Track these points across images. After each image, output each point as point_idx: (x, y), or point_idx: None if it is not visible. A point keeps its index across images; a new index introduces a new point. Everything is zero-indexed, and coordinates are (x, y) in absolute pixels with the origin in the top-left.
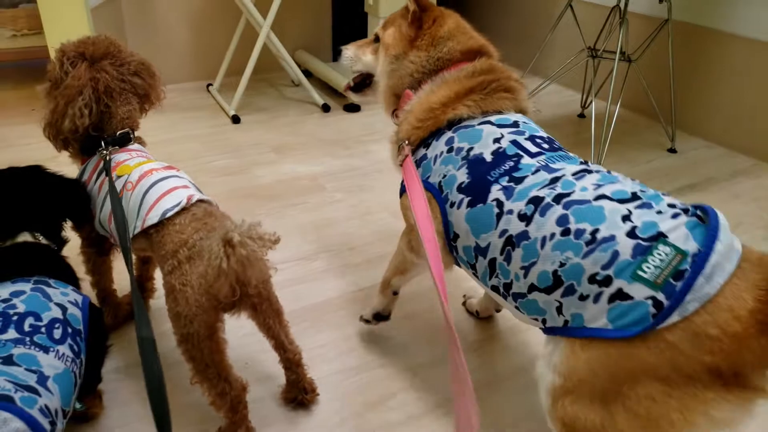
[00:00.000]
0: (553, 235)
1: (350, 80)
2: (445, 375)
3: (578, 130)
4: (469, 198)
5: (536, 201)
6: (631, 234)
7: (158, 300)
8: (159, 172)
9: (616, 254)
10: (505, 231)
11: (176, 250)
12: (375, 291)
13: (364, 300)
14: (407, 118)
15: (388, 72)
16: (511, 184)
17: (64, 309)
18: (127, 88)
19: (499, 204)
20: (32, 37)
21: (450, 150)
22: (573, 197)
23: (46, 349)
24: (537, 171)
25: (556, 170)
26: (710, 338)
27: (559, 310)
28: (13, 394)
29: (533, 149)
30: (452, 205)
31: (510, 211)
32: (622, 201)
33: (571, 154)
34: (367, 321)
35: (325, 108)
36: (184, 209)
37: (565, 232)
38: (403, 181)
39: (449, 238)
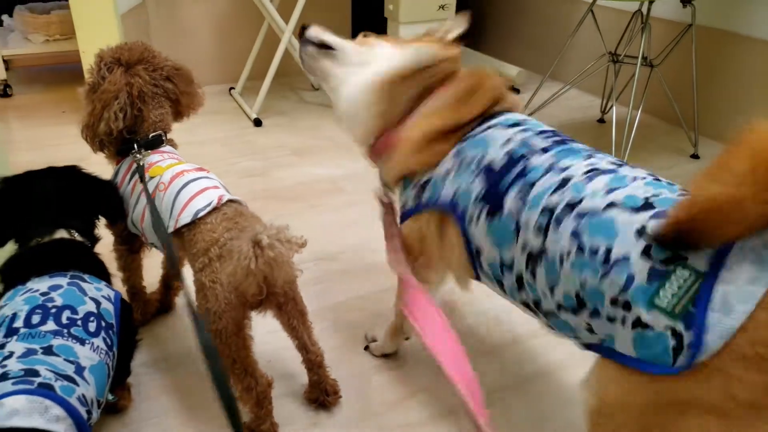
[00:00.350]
0: (569, 252)
1: None
2: None
3: (598, 134)
4: (487, 207)
5: (549, 210)
6: (646, 254)
7: (183, 298)
8: (190, 173)
9: (631, 279)
10: (525, 246)
11: (207, 248)
12: (393, 293)
13: (384, 301)
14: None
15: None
16: (522, 192)
17: (98, 303)
18: (159, 93)
19: (516, 214)
20: (63, 42)
21: (461, 163)
22: (584, 205)
23: (82, 341)
24: (546, 172)
25: (565, 169)
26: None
27: (590, 330)
28: (53, 382)
29: (541, 144)
30: (471, 219)
31: (526, 224)
32: (634, 210)
33: (578, 146)
34: (367, 347)
35: None
36: (215, 209)
37: (580, 249)
38: (405, 206)
39: (471, 254)
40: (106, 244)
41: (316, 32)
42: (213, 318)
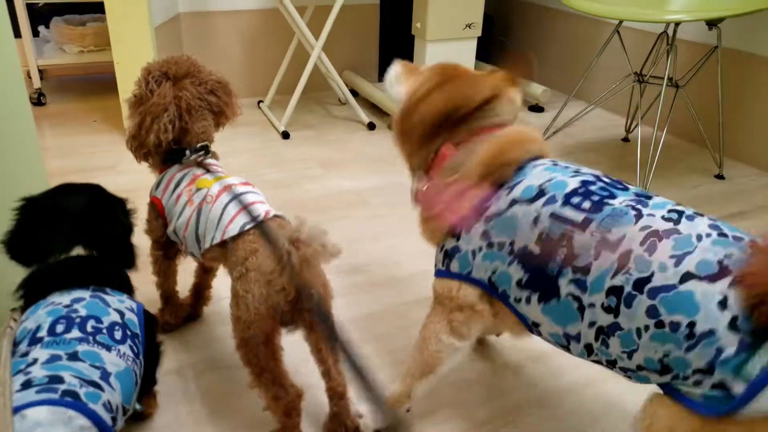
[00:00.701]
0: (647, 327)
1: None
2: (490, 392)
3: (622, 153)
4: (537, 293)
5: (616, 291)
6: (733, 326)
7: (209, 306)
8: (238, 187)
9: (719, 351)
10: (593, 323)
11: (246, 257)
12: (418, 305)
13: (408, 313)
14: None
15: None
16: (578, 275)
17: (122, 314)
18: (203, 106)
19: (576, 298)
20: (97, 53)
21: (490, 245)
22: (655, 282)
23: (108, 348)
24: (598, 254)
25: (616, 243)
26: None
27: (666, 384)
28: (78, 389)
29: (576, 217)
30: (517, 300)
31: (591, 305)
32: (711, 279)
33: (617, 202)
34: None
35: (371, 126)
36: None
37: (659, 325)
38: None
39: (528, 324)
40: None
41: (394, 72)
42: (242, 326)
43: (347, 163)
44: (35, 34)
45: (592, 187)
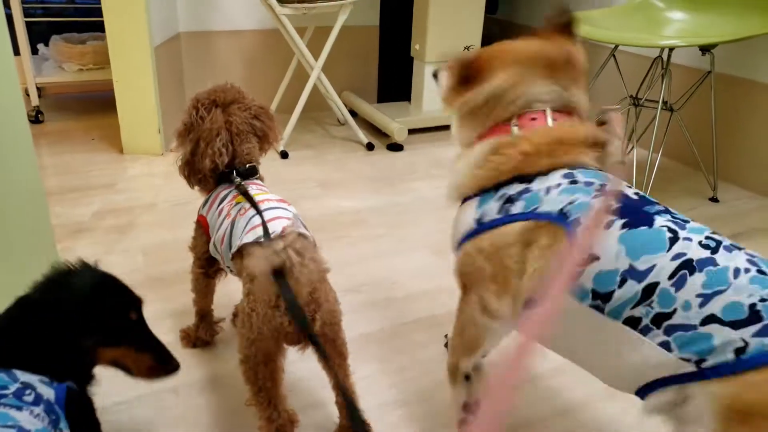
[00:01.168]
0: (747, 269)
1: None
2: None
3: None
4: (624, 220)
5: (715, 240)
6: None
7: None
8: (270, 202)
9: None
10: (682, 254)
11: (256, 275)
12: (416, 326)
13: (407, 334)
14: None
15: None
16: (678, 220)
17: (32, 386)
18: (248, 130)
19: (672, 231)
20: (96, 71)
21: (573, 182)
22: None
23: (19, 408)
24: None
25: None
26: None
27: (741, 350)
28: None
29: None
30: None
31: (688, 239)
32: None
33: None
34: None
35: (370, 147)
36: (280, 237)
37: (762, 272)
38: (482, 219)
39: None
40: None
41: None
42: (245, 344)
43: (346, 182)
44: (34, 51)
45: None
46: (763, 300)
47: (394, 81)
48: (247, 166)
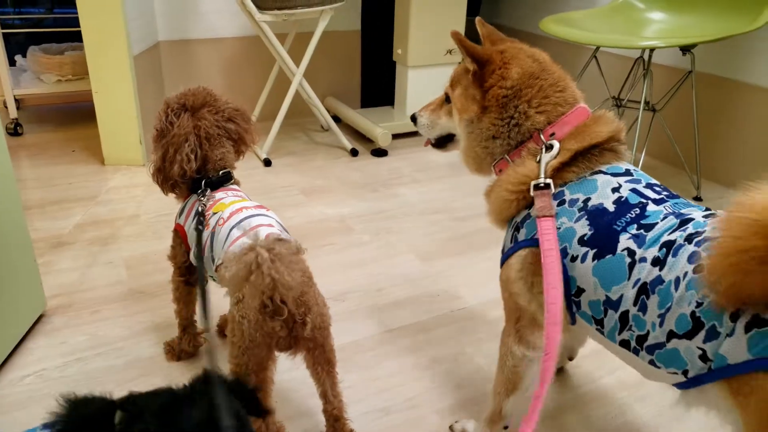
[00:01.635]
0: (685, 273)
1: (430, 138)
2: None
3: None
4: (594, 250)
5: (669, 245)
6: None
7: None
8: (249, 210)
9: None
10: (638, 280)
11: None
12: (401, 332)
13: (393, 341)
14: (502, 186)
15: (466, 135)
16: (641, 231)
17: None
18: (221, 133)
19: (631, 253)
20: (76, 82)
21: (561, 203)
22: (704, 236)
23: None
24: (666, 217)
25: (685, 215)
26: None
27: (704, 357)
28: None
29: (655, 196)
30: (573, 259)
31: (643, 259)
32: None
33: (693, 203)
34: None
35: (354, 152)
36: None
37: (697, 270)
38: (504, 249)
39: (570, 294)
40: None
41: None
42: (237, 352)
43: (330, 189)
44: (12, 63)
45: (674, 193)
46: (699, 304)
47: (377, 86)
48: (221, 172)
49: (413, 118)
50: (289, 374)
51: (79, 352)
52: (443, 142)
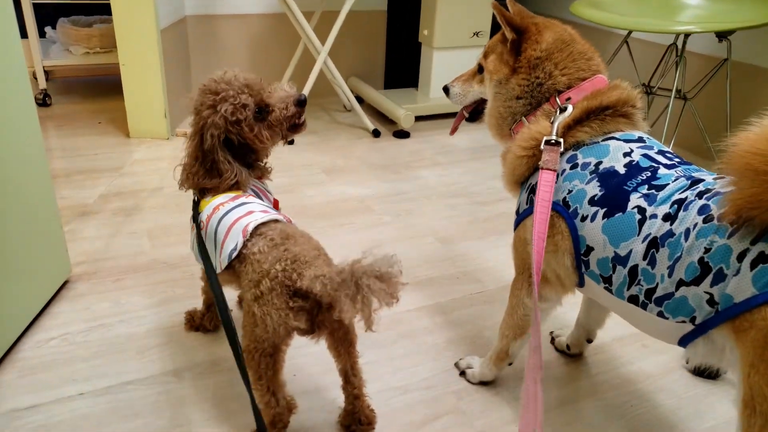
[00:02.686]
0: (695, 224)
1: (463, 110)
2: (488, 401)
3: None
4: (604, 209)
5: (680, 202)
6: None
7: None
8: (224, 206)
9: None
10: (648, 235)
11: (259, 280)
12: (420, 313)
13: (411, 321)
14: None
15: (493, 95)
16: (653, 191)
17: None
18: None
19: (641, 210)
20: (103, 54)
21: (574, 166)
22: (713, 193)
23: None
24: (677, 179)
25: (696, 178)
26: None
27: (711, 301)
28: None
29: (667, 162)
30: (583, 218)
31: (654, 216)
32: None
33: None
34: (462, 373)
35: (376, 133)
36: (259, 234)
37: (708, 219)
38: (518, 210)
39: (579, 253)
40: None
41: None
42: (255, 338)
43: (351, 169)
44: (41, 34)
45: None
46: (707, 250)
47: (402, 67)
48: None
49: (446, 89)
50: (307, 349)
51: (102, 318)
52: (476, 115)
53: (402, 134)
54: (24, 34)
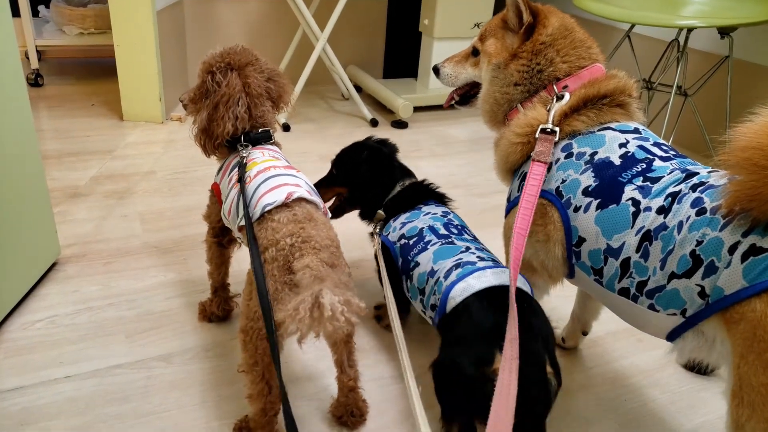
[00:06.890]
0: (688, 217)
1: (453, 92)
2: None
3: None
4: (598, 200)
5: (674, 195)
6: None
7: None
8: (276, 169)
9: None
10: (641, 228)
11: (266, 247)
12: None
13: None
14: (514, 131)
15: (490, 79)
16: (647, 183)
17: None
18: (262, 93)
19: (636, 203)
20: (97, 35)
21: (569, 156)
22: (708, 185)
23: None
24: (672, 171)
25: (690, 171)
26: None
27: (702, 294)
28: None
29: (662, 154)
30: (576, 209)
31: (648, 208)
32: None
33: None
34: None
35: (374, 123)
36: (286, 206)
37: (701, 212)
38: (509, 198)
39: (570, 244)
40: (200, 234)
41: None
42: (252, 315)
43: None
44: (35, 13)
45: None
46: (699, 243)
47: (401, 57)
48: (260, 130)
49: (435, 69)
50: None
51: (91, 301)
52: (467, 98)
53: (400, 124)
54: (16, 12)
